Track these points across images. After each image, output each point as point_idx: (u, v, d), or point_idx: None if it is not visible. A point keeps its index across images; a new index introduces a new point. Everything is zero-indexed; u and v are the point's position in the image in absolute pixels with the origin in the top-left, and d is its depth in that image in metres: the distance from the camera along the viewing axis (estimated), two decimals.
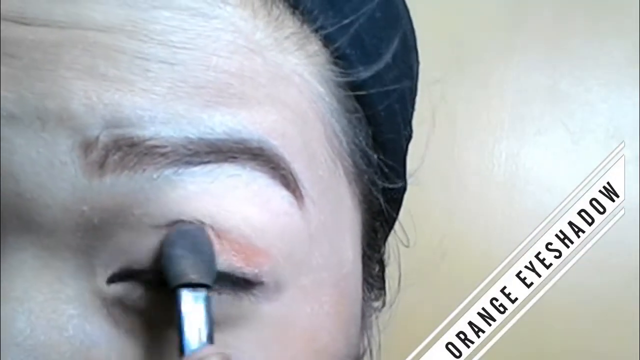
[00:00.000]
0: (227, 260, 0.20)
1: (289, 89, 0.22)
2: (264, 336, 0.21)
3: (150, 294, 0.20)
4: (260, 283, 0.20)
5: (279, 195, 0.21)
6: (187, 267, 0.19)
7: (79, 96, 0.19)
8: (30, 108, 0.19)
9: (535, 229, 0.84)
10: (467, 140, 0.88)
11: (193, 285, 0.19)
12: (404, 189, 0.29)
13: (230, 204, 0.20)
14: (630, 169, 0.87)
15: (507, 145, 0.89)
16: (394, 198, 0.28)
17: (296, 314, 0.21)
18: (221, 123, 0.20)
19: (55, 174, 0.19)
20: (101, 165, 0.19)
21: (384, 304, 0.30)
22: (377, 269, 0.29)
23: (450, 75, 0.83)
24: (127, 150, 0.19)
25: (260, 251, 0.20)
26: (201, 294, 0.19)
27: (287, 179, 0.21)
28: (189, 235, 0.19)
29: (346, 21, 0.23)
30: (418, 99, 0.29)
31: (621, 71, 0.88)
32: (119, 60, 0.19)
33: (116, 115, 0.19)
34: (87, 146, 0.19)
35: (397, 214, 0.30)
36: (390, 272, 0.30)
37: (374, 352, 0.28)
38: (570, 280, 0.88)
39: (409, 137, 0.29)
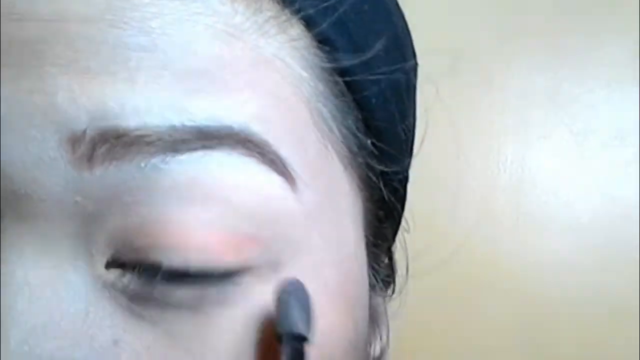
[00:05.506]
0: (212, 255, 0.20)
1: (270, 74, 0.22)
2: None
3: (148, 280, 0.20)
4: (250, 268, 0.20)
5: (269, 179, 0.21)
6: (299, 320, 0.20)
7: (63, 91, 0.19)
8: (17, 105, 0.19)
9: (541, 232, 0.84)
10: (472, 146, 0.89)
11: (296, 337, 0.20)
12: (405, 178, 0.29)
13: (219, 193, 0.20)
14: (630, 169, 0.88)
15: (512, 150, 0.89)
16: (395, 188, 0.28)
17: None
18: (203, 110, 0.20)
19: (45, 169, 0.19)
20: (89, 158, 0.19)
21: (393, 292, 0.30)
22: (384, 259, 0.29)
23: (452, 80, 0.84)
24: (114, 142, 0.19)
25: (249, 238, 0.20)
26: (302, 346, 0.20)
27: (276, 164, 0.21)
28: (297, 289, 0.21)
29: (327, 4, 0.23)
30: (418, 106, 0.29)
31: (623, 71, 0.88)
32: (100, 51, 0.19)
33: (101, 108, 0.19)
34: (74, 141, 0.19)
35: (402, 207, 0.30)
36: (396, 260, 0.30)
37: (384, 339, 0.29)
38: (570, 281, 0.88)
39: (407, 131, 0.28)
